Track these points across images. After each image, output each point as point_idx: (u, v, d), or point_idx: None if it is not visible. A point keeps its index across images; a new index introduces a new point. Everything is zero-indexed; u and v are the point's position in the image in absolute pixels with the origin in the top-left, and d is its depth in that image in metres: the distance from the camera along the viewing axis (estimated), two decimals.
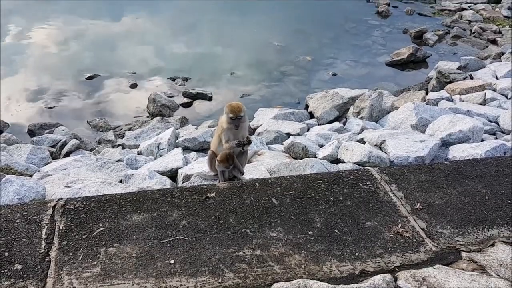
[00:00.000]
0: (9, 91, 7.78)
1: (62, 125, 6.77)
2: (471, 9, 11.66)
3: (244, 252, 2.64)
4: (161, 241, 2.70)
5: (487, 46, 9.69)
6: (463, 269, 2.55)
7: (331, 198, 3.11)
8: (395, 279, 2.47)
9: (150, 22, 11.00)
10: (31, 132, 6.67)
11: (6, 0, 11.28)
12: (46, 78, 8.26)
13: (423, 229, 2.86)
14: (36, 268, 2.50)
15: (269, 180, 3.32)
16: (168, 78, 8.42)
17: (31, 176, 4.56)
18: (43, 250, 2.61)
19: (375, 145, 4.86)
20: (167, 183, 4.37)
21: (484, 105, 6.33)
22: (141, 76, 8.47)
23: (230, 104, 3.55)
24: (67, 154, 5.72)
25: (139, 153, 5.55)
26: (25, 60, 8.97)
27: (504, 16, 11.18)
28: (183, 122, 6.94)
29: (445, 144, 4.81)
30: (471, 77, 7.65)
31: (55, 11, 11.21)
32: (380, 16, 11.50)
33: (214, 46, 9.73)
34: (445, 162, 3.75)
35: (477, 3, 12.00)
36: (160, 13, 11.43)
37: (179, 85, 8.21)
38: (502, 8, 11.57)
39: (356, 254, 2.65)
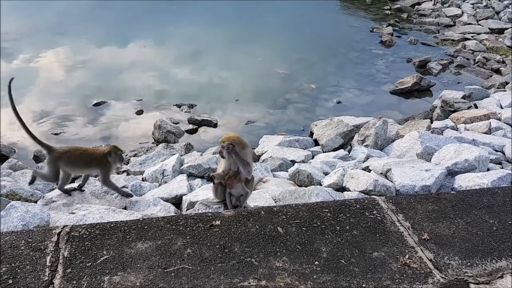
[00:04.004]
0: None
1: None
2: (474, 39, 11.76)
3: (249, 283, 2.61)
4: (165, 270, 2.68)
5: (491, 76, 9.74)
6: None
7: (337, 228, 3.09)
8: None
9: (157, 50, 11.16)
10: (37, 158, 6.69)
11: (14, 27, 11.52)
12: (52, 104, 8.35)
13: (430, 260, 2.83)
14: None
15: (275, 208, 3.30)
16: (173, 105, 8.49)
17: (36, 202, 4.55)
18: (47, 278, 2.59)
19: (381, 173, 4.85)
20: (171, 210, 4.36)
21: (489, 134, 6.32)
22: (147, 103, 8.54)
23: (227, 134, 3.79)
24: (72, 180, 5.71)
25: (143, 180, 5.54)
26: (32, 86, 9.07)
27: (508, 46, 11.27)
28: (188, 148, 6.96)
29: (451, 173, 4.79)
30: (476, 106, 7.67)
31: (62, 38, 11.40)
32: (384, 45, 11.63)
33: (219, 73, 9.83)
34: (452, 192, 3.73)
35: (480, 33, 12.12)
36: (166, 41, 11.61)
37: (185, 111, 8.27)
38: (505, 38, 11.67)
39: (363, 285, 2.61)
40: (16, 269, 2.64)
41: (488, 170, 4.92)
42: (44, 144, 4.48)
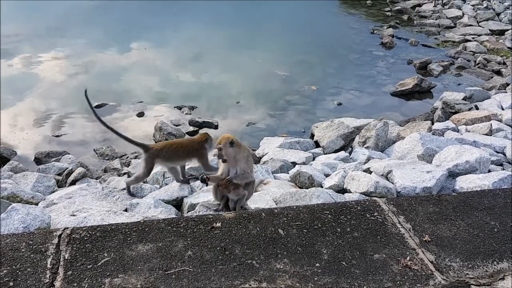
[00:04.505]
0: (16, 118, 7.87)
1: (69, 153, 6.81)
2: (475, 40, 11.77)
3: (250, 285, 2.60)
4: (166, 272, 2.67)
5: (491, 77, 9.74)
6: None
7: (338, 229, 3.08)
8: None
9: (158, 52, 11.18)
10: (38, 160, 6.70)
11: (15, 29, 11.54)
12: (54, 107, 8.37)
13: (432, 262, 2.82)
14: None
15: (275, 210, 3.29)
16: (174, 107, 8.50)
17: (36, 204, 4.56)
18: (47, 280, 2.59)
19: (382, 175, 4.85)
20: (172, 212, 4.36)
21: (490, 135, 6.32)
22: (148, 105, 8.55)
23: (222, 135, 3.75)
24: (73, 183, 5.73)
25: (144, 182, 5.54)
26: (34, 88, 9.09)
27: (508, 47, 11.28)
28: None
29: (452, 174, 4.78)
30: (477, 108, 7.67)
31: (64, 41, 11.42)
32: (384, 47, 11.64)
33: (220, 75, 9.85)
34: (453, 194, 3.72)
35: (481, 35, 12.13)
36: (166, 43, 11.63)
37: (186, 113, 8.28)
38: (506, 40, 11.68)
39: (365, 287, 2.61)
40: (17, 271, 2.64)
41: (489, 171, 4.92)
42: (140, 144, 4.68)
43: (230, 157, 3.67)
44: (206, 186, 3.96)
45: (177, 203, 4.63)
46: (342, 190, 4.71)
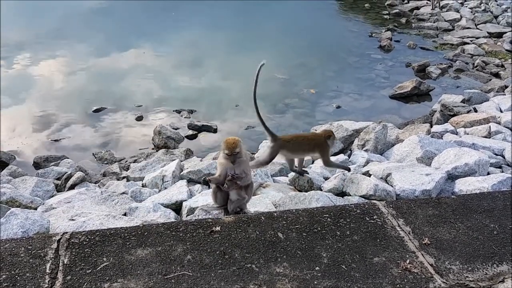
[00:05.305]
0: (15, 123, 7.87)
1: (68, 158, 6.80)
2: (473, 43, 11.80)
3: None
4: (165, 277, 2.67)
5: (490, 80, 9.75)
6: None
7: (338, 233, 3.08)
8: None
9: (156, 56, 11.19)
10: (37, 165, 6.69)
11: (15, 34, 11.55)
12: (53, 111, 8.36)
13: (431, 265, 2.82)
14: None
15: (275, 214, 3.29)
16: (173, 111, 8.50)
17: (35, 209, 4.55)
18: (46, 285, 2.58)
19: (381, 178, 4.85)
20: (171, 216, 4.35)
21: (489, 138, 6.32)
22: (147, 109, 8.55)
23: (227, 140, 3.58)
24: (72, 187, 5.71)
25: (143, 186, 5.54)
26: (32, 92, 9.09)
27: (506, 50, 11.30)
28: (188, 154, 6.95)
29: (451, 177, 4.78)
30: (475, 110, 7.68)
31: (62, 45, 11.43)
32: (383, 50, 11.66)
33: (219, 79, 9.85)
34: (452, 196, 3.72)
35: (479, 37, 12.15)
36: (165, 47, 11.63)
37: (184, 117, 8.28)
38: (504, 42, 11.71)
39: None
40: (16, 276, 2.64)
41: (488, 174, 4.92)
42: (271, 133, 4.80)
43: (239, 160, 3.64)
44: (209, 188, 3.93)
45: (176, 207, 4.63)
46: (342, 193, 4.71)
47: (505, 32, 12.25)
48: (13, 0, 13.64)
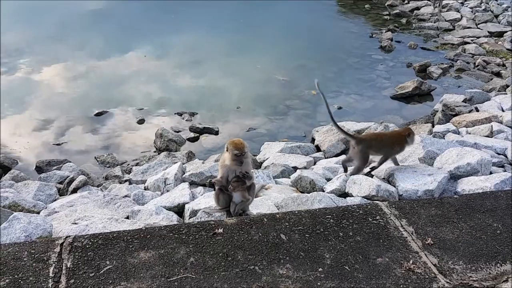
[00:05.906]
0: (18, 127, 7.88)
1: (70, 162, 6.80)
2: (474, 42, 11.77)
3: None
4: (169, 279, 2.67)
5: (491, 79, 9.73)
6: None
7: (341, 234, 3.08)
8: None
9: (157, 59, 11.19)
10: (39, 169, 6.69)
11: (14, 37, 11.58)
12: (55, 115, 8.37)
13: (435, 265, 2.81)
14: None
15: (277, 215, 3.29)
16: (175, 114, 8.50)
17: (38, 213, 4.55)
18: None
19: (383, 178, 4.84)
20: (174, 218, 4.35)
21: (491, 137, 6.31)
22: (148, 112, 8.56)
23: (233, 141, 3.65)
24: (75, 191, 5.72)
25: (146, 189, 5.54)
26: (34, 96, 9.10)
27: (507, 49, 11.27)
28: (190, 156, 6.96)
29: (454, 177, 4.77)
30: (477, 110, 7.67)
31: (62, 49, 11.44)
32: (384, 50, 11.64)
33: (220, 81, 9.85)
34: (455, 196, 3.72)
35: (480, 37, 12.13)
36: (165, 50, 11.64)
37: (186, 120, 8.28)
38: (505, 41, 11.68)
39: None
40: (19, 280, 2.64)
41: (490, 173, 4.90)
42: (352, 135, 4.97)
43: (245, 160, 3.66)
44: (214, 190, 3.93)
45: (179, 210, 4.63)
46: (344, 194, 4.70)
47: (506, 31, 12.22)
48: (12, 0, 13.65)
